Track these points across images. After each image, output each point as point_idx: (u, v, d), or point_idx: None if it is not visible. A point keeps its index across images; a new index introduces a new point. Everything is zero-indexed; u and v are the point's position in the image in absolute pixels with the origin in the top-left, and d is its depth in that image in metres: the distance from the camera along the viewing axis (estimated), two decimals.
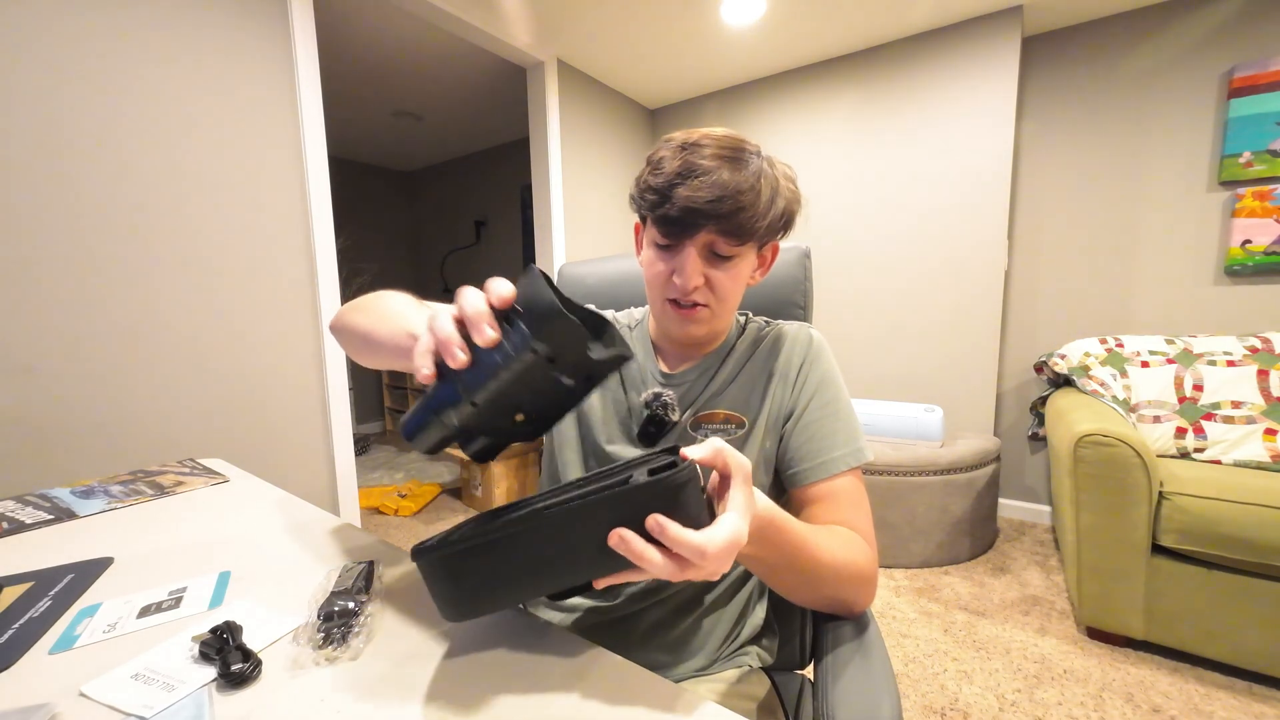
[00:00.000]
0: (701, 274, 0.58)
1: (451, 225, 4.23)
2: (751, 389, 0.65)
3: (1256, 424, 1.59)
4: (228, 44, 1.39)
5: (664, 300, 0.62)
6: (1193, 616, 1.36)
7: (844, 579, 0.51)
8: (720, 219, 0.54)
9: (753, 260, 0.62)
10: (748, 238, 0.57)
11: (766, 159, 0.58)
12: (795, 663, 0.76)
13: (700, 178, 0.53)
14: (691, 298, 0.59)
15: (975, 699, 1.32)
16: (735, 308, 0.65)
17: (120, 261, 1.24)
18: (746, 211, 0.54)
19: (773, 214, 0.57)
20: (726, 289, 0.60)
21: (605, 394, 0.69)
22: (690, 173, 0.54)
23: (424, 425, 0.39)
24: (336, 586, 0.50)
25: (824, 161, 2.53)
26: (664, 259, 0.59)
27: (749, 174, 0.54)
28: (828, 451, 0.60)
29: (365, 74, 2.65)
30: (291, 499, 0.79)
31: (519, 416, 0.40)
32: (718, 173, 0.53)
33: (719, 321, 0.63)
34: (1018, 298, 2.33)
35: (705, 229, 0.55)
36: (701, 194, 0.53)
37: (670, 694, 0.40)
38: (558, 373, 0.36)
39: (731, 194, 0.53)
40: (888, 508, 1.95)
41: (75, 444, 1.19)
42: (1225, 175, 1.90)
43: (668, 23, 2.13)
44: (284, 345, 1.54)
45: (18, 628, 0.47)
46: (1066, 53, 2.16)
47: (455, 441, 0.41)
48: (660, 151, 0.57)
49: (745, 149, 0.56)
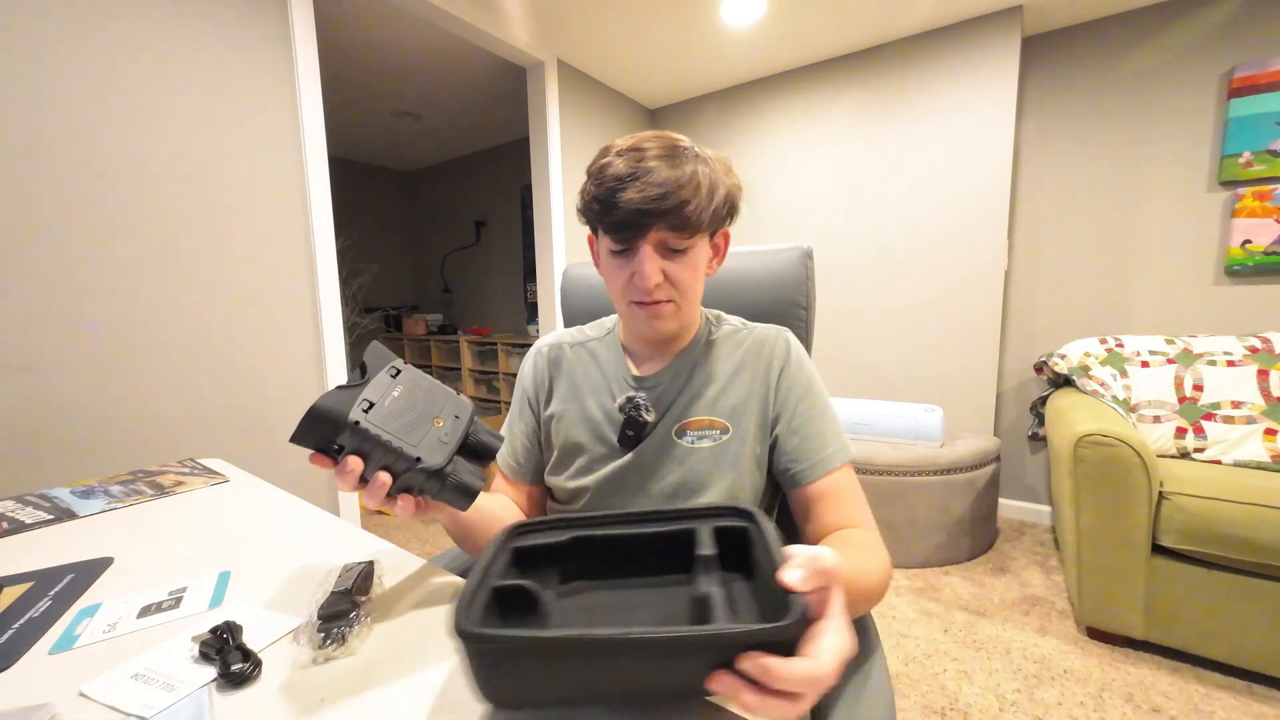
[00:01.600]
0: (660, 270, 0.60)
1: (451, 225, 4.23)
2: (732, 393, 0.67)
3: (1256, 424, 1.59)
4: (228, 44, 1.39)
5: (629, 303, 0.64)
6: (1193, 616, 1.36)
7: (883, 589, 0.53)
8: (667, 215, 0.56)
9: (706, 250, 0.65)
10: (696, 229, 0.59)
11: (700, 154, 0.60)
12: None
13: (642, 179, 0.56)
14: (654, 295, 0.61)
15: (975, 699, 1.32)
16: (698, 299, 0.67)
17: (120, 261, 1.24)
18: (691, 204, 0.57)
19: (716, 203, 0.60)
20: (686, 281, 0.62)
21: (585, 403, 0.71)
22: (632, 176, 0.56)
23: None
24: (336, 586, 0.50)
25: (824, 161, 2.53)
26: (621, 264, 0.62)
27: (688, 169, 0.57)
28: (821, 450, 0.62)
29: (365, 74, 2.65)
30: (291, 499, 0.79)
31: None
32: (658, 172, 0.56)
33: (685, 315, 0.66)
34: (1018, 298, 2.33)
35: (655, 227, 0.57)
36: (646, 193, 0.55)
37: None
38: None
39: (674, 190, 0.56)
40: (888, 508, 1.94)
41: (75, 444, 1.19)
42: (1225, 175, 1.90)
43: (668, 23, 2.13)
44: (284, 345, 1.54)
45: (18, 628, 0.47)
46: (1066, 53, 2.16)
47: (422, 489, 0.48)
48: (599, 161, 0.60)
49: (679, 146, 0.59)
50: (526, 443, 0.74)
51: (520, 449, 0.74)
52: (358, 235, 3.87)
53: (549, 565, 0.43)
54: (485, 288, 4.09)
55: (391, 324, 4.15)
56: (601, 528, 0.44)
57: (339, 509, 1.67)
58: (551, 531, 0.44)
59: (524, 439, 0.74)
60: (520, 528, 0.45)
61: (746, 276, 0.86)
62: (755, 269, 0.86)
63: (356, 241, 3.82)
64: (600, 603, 0.42)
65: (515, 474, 0.74)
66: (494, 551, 0.41)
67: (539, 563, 0.43)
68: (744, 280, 0.86)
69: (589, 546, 0.43)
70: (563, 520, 0.45)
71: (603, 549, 0.43)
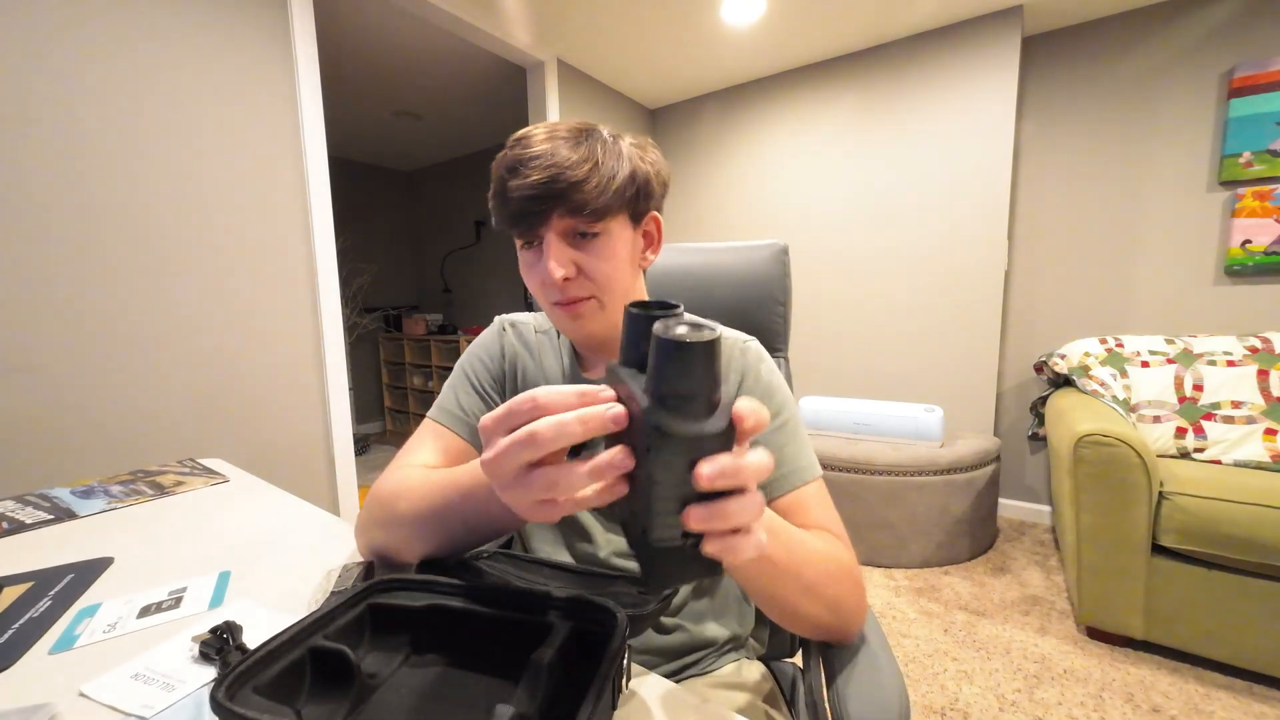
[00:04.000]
0: (570, 262, 0.53)
1: (451, 225, 4.23)
2: None
3: (1256, 424, 1.59)
4: (228, 44, 1.39)
5: (550, 305, 0.57)
6: (1193, 616, 1.36)
7: (835, 576, 0.49)
8: (560, 197, 0.51)
9: (629, 238, 0.57)
10: (604, 211, 0.52)
11: (608, 135, 0.55)
12: (785, 651, 0.78)
13: (530, 164, 0.51)
14: (569, 292, 0.54)
15: (975, 699, 1.32)
16: (625, 294, 0.59)
17: (120, 261, 1.24)
18: (589, 182, 0.51)
19: (621, 180, 0.53)
20: (604, 273, 0.54)
21: None
22: (518, 163, 0.51)
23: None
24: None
25: (824, 161, 2.53)
26: (533, 260, 0.55)
27: (584, 148, 0.52)
28: (792, 462, 0.57)
29: (365, 74, 2.65)
30: (291, 499, 0.79)
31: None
32: (548, 155, 0.51)
33: (610, 313, 0.58)
34: (1018, 298, 2.33)
35: (554, 213, 0.52)
36: (533, 177, 0.50)
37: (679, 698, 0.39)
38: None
39: (564, 169, 0.50)
40: (888, 508, 1.94)
41: (75, 444, 1.19)
42: (1225, 175, 1.90)
43: (668, 23, 2.13)
44: (284, 345, 1.54)
45: (18, 628, 0.47)
46: (1066, 53, 2.16)
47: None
48: (494, 162, 0.55)
49: (580, 128, 0.54)
50: (480, 413, 0.63)
51: (470, 409, 0.64)
52: (358, 235, 3.87)
53: (404, 630, 0.41)
54: (485, 288, 4.10)
55: (391, 324, 4.15)
56: (462, 599, 0.41)
57: (339, 509, 1.68)
58: (414, 593, 0.42)
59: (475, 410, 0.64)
60: (386, 583, 0.43)
61: (723, 273, 0.86)
62: (732, 266, 0.86)
63: (356, 241, 3.82)
64: (435, 684, 0.38)
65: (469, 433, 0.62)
66: (341, 602, 0.40)
67: (394, 625, 0.41)
68: (721, 277, 0.86)
69: (443, 618, 0.41)
70: (431, 584, 0.43)
71: (456, 623, 0.41)
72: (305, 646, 0.36)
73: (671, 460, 0.26)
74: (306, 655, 0.36)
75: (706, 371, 0.26)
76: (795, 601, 0.47)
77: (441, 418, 0.63)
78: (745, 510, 0.27)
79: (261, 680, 0.33)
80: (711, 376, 0.26)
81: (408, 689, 0.38)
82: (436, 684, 0.38)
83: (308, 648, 0.36)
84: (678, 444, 0.26)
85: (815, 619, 0.49)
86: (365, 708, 0.36)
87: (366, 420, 4.27)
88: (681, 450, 0.26)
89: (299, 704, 0.35)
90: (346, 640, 0.38)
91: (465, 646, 0.40)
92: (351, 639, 0.39)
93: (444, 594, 0.42)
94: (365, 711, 0.35)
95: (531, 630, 0.37)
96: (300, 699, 0.35)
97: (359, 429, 4.17)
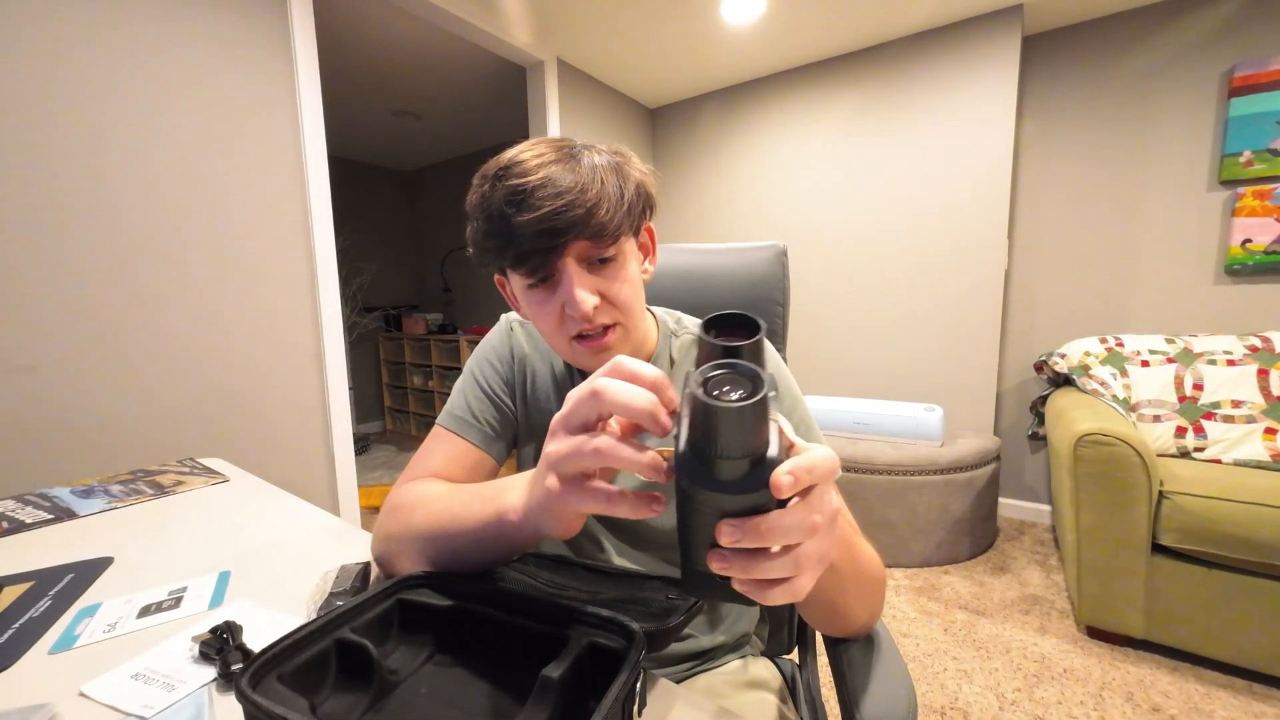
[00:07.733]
0: (594, 291, 0.50)
1: (451, 225, 4.23)
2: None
3: (1256, 423, 1.59)
4: (228, 44, 1.39)
5: (569, 341, 0.52)
6: (1193, 616, 1.36)
7: (879, 581, 0.48)
8: (579, 225, 0.47)
9: (635, 254, 0.56)
10: (619, 231, 0.49)
11: (596, 147, 0.51)
12: (784, 648, 0.80)
13: (536, 194, 0.46)
14: (598, 321, 0.51)
15: (975, 698, 1.32)
16: (643, 313, 0.58)
17: (120, 261, 1.24)
18: (604, 204, 0.47)
19: (630, 196, 0.50)
20: (624, 297, 0.52)
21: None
22: (521, 194, 0.46)
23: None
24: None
25: (824, 160, 2.53)
26: (544, 297, 0.51)
27: (585, 167, 0.48)
28: None
29: (365, 74, 2.65)
30: (291, 499, 0.79)
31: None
32: (555, 179, 0.46)
33: (635, 335, 0.56)
34: (1018, 298, 2.33)
35: (571, 242, 0.48)
36: (545, 208, 0.45)
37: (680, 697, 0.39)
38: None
39: (580, 194, 0.46)
40: (888, 507, 1.94)
41: (75, 444, 1.19)
42: (1225, 174, 1.90)
43: (667, 22, 2.13)
44: (284, 345, 1.54)
45: (18, 628, 0.47)
46: (1066, 53, 2.16)
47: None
48: (477, 192, 0.50)
49: (561, 146, 0.49)
50: (492, 418, 0.62)
51: (482, 414, 0.62)
52: (358, 235, 3.87)
53: (430, 629, 0.41)
54: (485, 287, 4.09)
55: (391, 323, 4.16)
56: (487, 604, 0.41)
57: (339, 509, 1.68)
58: (441, 593, 0.42)
59: (487, 415, 0.62)
60: (416, 579, 0.43)
61: (723, 274, 0.86)
62: (731, 267, 0.86)
63: (356, 241, 3.82)
64: (452, 689, 0.38)
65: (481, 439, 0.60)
66: (371, 595, 0.40)
67: (421, 623, 0.41)
68: (721, 278, 0.86)
69: (467, 620, 0.41)
70: (459, 584, 0.43)
71: (479, 627, 0.41)
72: (332, 638, 0.37)
73: (700, 507, 0.26)
74: (333, 647, 0.36)
75: (736, 434, 0.24)
76: (849, 606, 0.47)
77: (451, 424, 0.61)
78: (775, 568, 0.27)
79: (286, 669, 0.33)
80: (743, 438, 0.24)
81: (427, 690, 0.38)
82: (453, 689, 0.38)
83: (334, 639, 0.37)
84: (704, 499, 0.26)
85: (857, 620, 0.49)
86: (385, 704, 0.36)
87: (366, 420, 4.27)
88: (706, 507, 0.26)
89: (323, 694, 0.35)
90: (374, 634, 0.39)
91: (485, 653, 0.41)
92: (380, 633, 0.40)
93: (470, 597, 0.42)
94: (384, 708, 0.36)
95: (550, 643, 0.37)
96: (324, 690, 0.36)
97: (359, 428, 4.17)
